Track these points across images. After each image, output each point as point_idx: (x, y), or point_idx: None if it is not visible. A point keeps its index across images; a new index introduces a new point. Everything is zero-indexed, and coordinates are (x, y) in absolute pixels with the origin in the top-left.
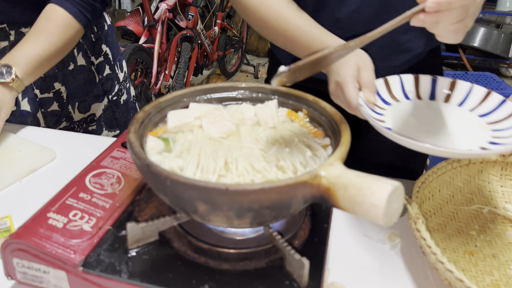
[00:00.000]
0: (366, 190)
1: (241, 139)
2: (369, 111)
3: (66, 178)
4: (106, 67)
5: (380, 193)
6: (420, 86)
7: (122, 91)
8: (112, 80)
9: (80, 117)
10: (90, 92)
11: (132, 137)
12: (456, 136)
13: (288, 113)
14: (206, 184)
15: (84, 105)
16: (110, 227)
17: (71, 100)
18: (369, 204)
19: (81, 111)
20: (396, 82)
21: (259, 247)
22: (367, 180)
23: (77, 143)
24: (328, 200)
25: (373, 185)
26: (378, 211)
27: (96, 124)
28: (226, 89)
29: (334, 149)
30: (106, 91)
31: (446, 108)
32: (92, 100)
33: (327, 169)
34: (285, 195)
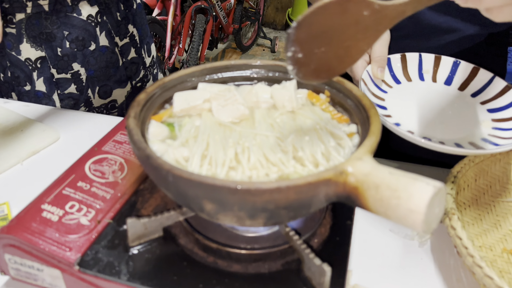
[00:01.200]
0: (402, 192)
1: (254, 125)
2: (370, 87)
3: (70, 161)
4: (132, 50)
5: (419, 197)
6: (440, 68)
7: (148, 77)
8: (138, 64)
9: (100, 102)
10: (112, 76)
11: (131, 122)
12: (450, 129)
13: (309, 95)
14: (213, 181)
15: (105, 89)
16: (110, 220)
17: (91, 84)
18: (406, 209)
19: (101, 96)
20: (414, 60)
21: (274, 248)
22: (404, 180)
23: (82, 123)
24: (356, 201)
25: (411, 186)
26: (416, 218)
27: (117, 111)
28: (239, 67)
29: (362, 139)
30: (129, 76)
31: (457, 96)
32: (114, 85)
33: (354, 164)
34: (305, 194)
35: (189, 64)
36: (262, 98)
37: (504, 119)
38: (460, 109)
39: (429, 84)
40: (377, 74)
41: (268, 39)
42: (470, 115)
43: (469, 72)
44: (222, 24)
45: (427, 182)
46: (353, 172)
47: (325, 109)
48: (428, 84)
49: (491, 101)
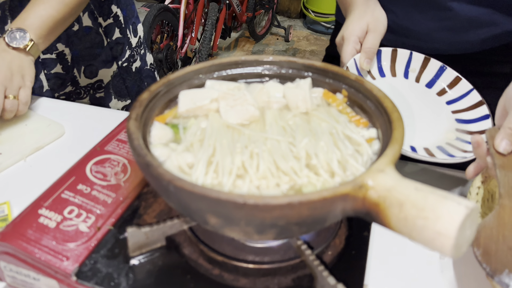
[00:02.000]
0: (429, 212)
1: (265, 127)
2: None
3: (75, 157)
4: (116, 30)
5: (450, 218)
6: (426, 70)
7: (134, 57)
8: (123, 44)
9: (87, 82)
10: (97, 56)
11: (132, 125)
12: (418, 131)
13: (324, 95)
14: (218, 195)
15: (90, 69)
16: (110, 227)
17: (77, 64)
18: (434, 231)
19: (87, 76)
20: (404, 57)
21: (284, 262)
22: (432, 198)
23: (88, 117)
24: (376, 218)
25: (440, 206)
26: (445, 242)
27: (104, 91)
28: (249, 63)
29: (383, 147)
30: (115, 56)
31: (433, 101)
32: (100, 65)
33: (375, 177)
34: (319, 210)
35: (202, 54)
36: (274, 97)
37: (469, 132)
38: (434, 113)
39: (412, 83)
40: (363, 64)
41: (282, 27)
42: (439, 121)
43: (451, 80)
44: (236, 13)
45: (459, 202)
46: (374, 186)
47: (342, 111)
48: (410, 83)
49: (462, 112)
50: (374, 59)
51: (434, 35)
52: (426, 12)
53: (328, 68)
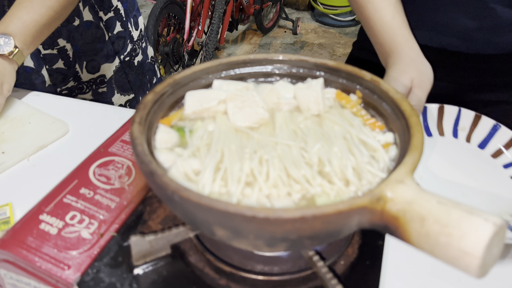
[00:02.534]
0: (454, 229)
1: (275, 131)
2: None
3: (79, 157)
4: (117, 24)
5: (476, 236)
6: (477, 128)
7: (136, 51)
8: (124, 38)
9: (89, 77)
10: (99, 51)
11: (135, 130)
12: (471, 198)
13: (337, 96)
14: (226, 207)
15: (92, 64)
16: (114, 233)
17: (78, 59)
18: (458, 249)
19: (89, 71)
20: (452, 114)
21: (295, 274)
22: (456, 213)
23: (92, 114)
24: (395, 233)
25: (465, 222)
26: (471, 262)
27: (107, 86)
28: (259, 62)
29: (401, 154)
30: (117, 50)
31: (488, 163)
32: (102, 60)
33: (395, 188)
34: (334, 224)
35: (209, 47)
36: (284, 98)
37: None
38: (488, 178)
39: (462, 143)
40: None
41: (290, 20)
42: (495, 187)
43: (508, 140)
44: (243, 5)
45: (486, 218)
46: (393, 199)
47: (356, 113)
48: (460, 142)
49: None
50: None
51: (472, 34)
52: (466, 10)
53: (341, 67)
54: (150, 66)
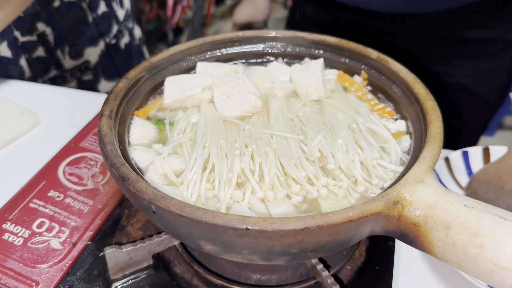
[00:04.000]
0: (486, 239)
1: (270, 121)
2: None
3: (53, 151)
4: (101, 3)
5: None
6: None
7: (122, 33)
8: (109, 19)
9: (72, 64)
10: (82, 34)
11: (104, 126)
12: None
13: (339, 77)
14: (213, 219)
15: (76, 49)
16: (88, 242)
17: (60, 44)
18: (491, 263)
19: (72, 57)
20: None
21: (296, 285)
22: (487, 219)
23: (67, 102)
24: (414, 242)
25: (499, 231)
26: (506, 277)
27: (92, 72)
28: (248, 40)
29: (417, 144)
30: (102, 33)
31: None
32: (86, 44)
33: (413, 190)
34: (343, 235)
35: (194, 23)
36: (279, 82)
37: None
38: None
39: None
40: None
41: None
42: None
43: None
44: None
45: None
46: (412, 202)
47: (361, 97)
48: None
49: None
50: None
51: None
52: None
53: (343, 44)
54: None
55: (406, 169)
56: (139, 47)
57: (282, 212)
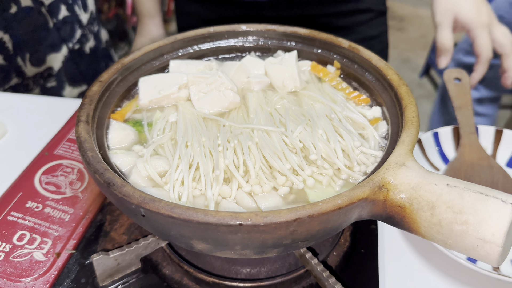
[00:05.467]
0: (470, 216)
1: (249, 115)
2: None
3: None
4: (62, 7)
5: (495, 222)
6: (501, 145)
7: (87, 37)
8: (72, 24)
9: (34, 71)
10: (43, 40)
11: (83, 131)
12: None
13: (312, 68)
14: (205, 218)
15: (37, 56)
16: (72, 251)
17: (20, 51)
18: (476, 238)
19: (34, 64)
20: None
21: (287, 276)
22: (469, 196)
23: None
24: (400, 224)
25: (481, 207)
26: (491, 250)
27: (56, 79)
28: (220, 35)
29: (395, 130)
30: (64, 38)
31: None
32: (47, 50)
33: (396, 173)
34: (332, 222)
35: None
36: (255, 76)
37: None
38: None
39: None
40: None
41: None
42: None
43: None
44: None
45: (504, 199)
46: (396, 185)
47: (336, 86)
48: None
49: None
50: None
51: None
52: None
53: (315, 35)
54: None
55: (386, 154)
56: (106, 50)
57: (270, 204)
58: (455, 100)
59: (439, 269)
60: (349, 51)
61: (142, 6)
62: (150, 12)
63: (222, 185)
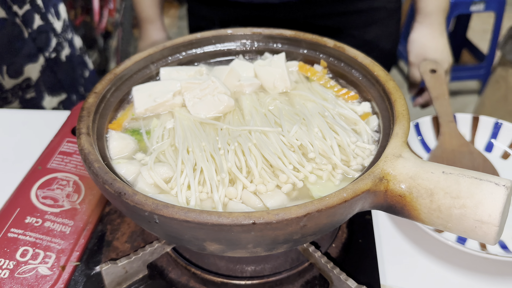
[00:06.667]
0: (467, 200)
1: (244, 117)
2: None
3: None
4: (36, 17)
5: (491, 203)
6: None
7: (62, 45)
8: (47, 33)
9: (12, 83)
10: (18, 51)
11: (86, 143)
12: None
13: (300, 68)
14: (219, 219)
15: (14, 68)
16: (77, 262)
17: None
18: (474, 220)
19: (11, 75)
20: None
21: (292, 270)
22: (465, 182)
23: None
24: (401, 212)
25: (477, 190)
26: (488, 230)
27: (35, 90)
28: (207, 41)
29: (386, 122)
30: (40, 47)
31: (500, 167)
32: (24, 61)
33: (394, 164)
34: (338, 215)
35: (125, 26)
36: (246, 79)
37: None
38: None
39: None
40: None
41: None
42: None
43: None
44: None
45: (497, 182)
46: (395, 176)
47: (325, 85)
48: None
49: None
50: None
51: None
52: None
53: (300, 36)
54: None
55: (382, 147)
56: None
57: (276, 202)
58: (432, 91)
59: (430, 253)
60: (335, 50)
61: (142, 11)
62: (150, 18)
63: (228, 187)
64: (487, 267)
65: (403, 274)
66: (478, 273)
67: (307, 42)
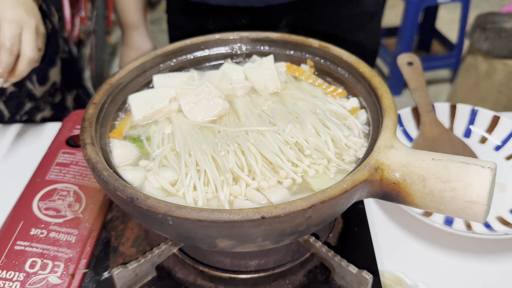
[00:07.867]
0: (457, 183)
1: (239, 119)
2: None
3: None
4: (46, 21)
5: (479, 185)
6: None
7: (65, 47)
8: (55, 36)
9: (42, 90)
10: (43, 58)
11: (92, 154)
12: None
13: (288, 68)
14: (230, 216)
15: (42, 75)
16: (85, 270)
17: (28, 74)
18: (464, 201)
19: (41, 83)
20: None
21: (294, 262)
22: (454, 166)
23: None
24: (396, 198)
25: (465, 174)
26: (478, 210)
27: (60, 93)
28: (196, 47)
29: (374, 115)
30: (55, 51)
31: (479, 151)
32: (47, 66)
33: (387, 155)
34: (340, 205)
35: (98, 34)
36: (237, 82)
37: None
38: None
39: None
40: None
41: None
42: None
43: (490, 121)
44: None
45: (482, 165)
46: (389, 165)
47: (313, 83)
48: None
49: None
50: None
51: None
52: None
53: (286, 38)
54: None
55: (373, 139)
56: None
57: (279, 197)
58: (410, 83)
59: (420, 236)
60: (320, 50)
61: (126, 17)
62: (135, 24)
63: (232, 186)
64: (474, 246)
65: (397, 258)
66: (465, 252)
67: (293, 43)
